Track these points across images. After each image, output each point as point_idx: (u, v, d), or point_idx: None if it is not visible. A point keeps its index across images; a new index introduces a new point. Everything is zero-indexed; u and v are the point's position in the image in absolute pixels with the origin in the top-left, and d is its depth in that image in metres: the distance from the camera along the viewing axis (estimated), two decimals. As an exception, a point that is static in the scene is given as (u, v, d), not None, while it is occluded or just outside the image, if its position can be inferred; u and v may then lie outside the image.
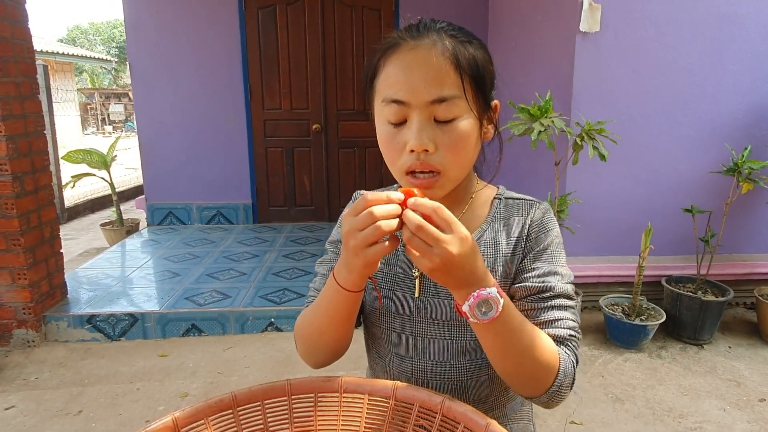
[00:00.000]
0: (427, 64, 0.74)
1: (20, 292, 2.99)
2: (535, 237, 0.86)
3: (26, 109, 3.01)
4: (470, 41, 0.79)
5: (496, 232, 0.87)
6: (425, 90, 0.73)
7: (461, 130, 0.76)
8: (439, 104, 0.74)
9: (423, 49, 0.75)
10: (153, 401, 2.50)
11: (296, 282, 3.60)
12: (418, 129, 0.74)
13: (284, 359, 2.89)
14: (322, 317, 0.84)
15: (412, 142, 0.74)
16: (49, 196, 3.22)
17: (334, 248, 0.97)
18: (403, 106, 0.75)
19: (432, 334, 0.88)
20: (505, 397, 0.92)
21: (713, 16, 2.98)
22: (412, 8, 4.88)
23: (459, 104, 0.75)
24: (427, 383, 0.89)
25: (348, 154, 5.24)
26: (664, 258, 3.24)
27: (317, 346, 0.88)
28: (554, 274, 0.83)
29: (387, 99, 0.76)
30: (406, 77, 0.74)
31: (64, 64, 14.96)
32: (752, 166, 2.82)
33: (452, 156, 0.76)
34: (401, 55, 0.76)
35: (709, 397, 2.51)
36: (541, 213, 0.87)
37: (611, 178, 3.15)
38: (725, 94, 3.09)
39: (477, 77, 0.77)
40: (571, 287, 0.84)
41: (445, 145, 0.75)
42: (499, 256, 0.86)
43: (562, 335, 0.80)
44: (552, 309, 0.81)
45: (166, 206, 5.13)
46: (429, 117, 0.75)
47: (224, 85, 4.94)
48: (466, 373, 0.87)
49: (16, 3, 2.95)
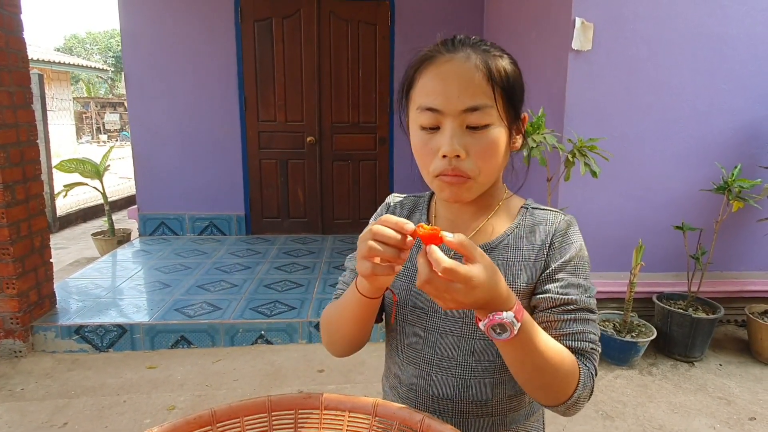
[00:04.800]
0: (461, 75, 0.78)
1: (8, 301, 2.96)
2: (558, 247, 0.87)
3: (19, 119, 3.01)
4: (502, 56, 0.83)
5: (519, 238, 0.89)
6: (459, 99, 0.77)
7: (492, 138, 0.79)
8: (472, 112, 0.78)
9: (457, 61, 0.79)
10: (140, 414, 2.47)
11: (287, 294, 3.59)
12: (451, 135, 0.78)
13: (274, 372, 2.86)
14: (341, 316, 0.89)
15: (444, 147, 0.78)
16: (40, 205, 3.20)
17: None
18: (438, 113, 0.79)
19: (444, 329, 0.90)
20: (508, 405, 0.92)
21: (704, 36, 3.02)
22: (408, 23, 4.93)
23: (490, 113, 0.78)
24: (432, 376, 0.90)
25: (342, 167, 5.25)
26: (655, 274, 3.25)
27: (336, 339, 0.94)
28: (577, 287, 0.84)
29: (422, 107, 0.80)
30: (442, 87, 0.79)
31: (60, 72, 14.95)
32: (742, 185, 2.84)
33: (482, 162, 0.80)
34: (437, 66, 0.80)
35: (699, 415, 2.50)
36: (565, 224, 0.89)
37: (603, 195, 3.16)
38: (716, 113, 3.12)
39: (508, 89, 0.80)
40: (593, 300, 0.86)
41: (476, 151, 0.79)
42: (519, 261, 0.87)
43: (582, 348, 0.82)
44: (574, 322, 0.83)
45: (158, 216, 5.11)
46: (462, 125, 0.79)
47: (219, 97, 4.96)
48: (470, 373, 0.88)
49: (11, 13, 2.96)
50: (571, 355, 0.80)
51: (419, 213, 0.99)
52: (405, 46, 4.96)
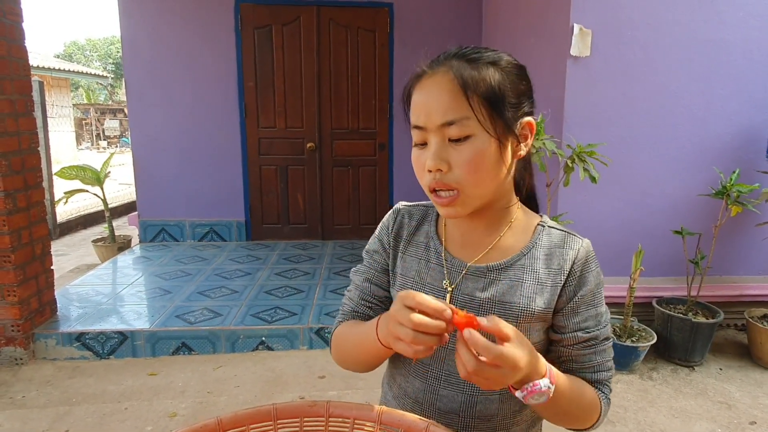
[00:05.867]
0: (437, 90, 0.80)
1: (9, 309, 2.97)
2: (579, 276, 0.86)
3: (20, 126, 3.02)
4: (494, 62, 0.82)
5: (535, 259, 0.88)
6: (436, 115, 0.79)
7: (474, 149, 0.79)
8: (449, 126, 0.79)
9: (437, 76, 0.81)
10: (141, 421, 2.47)
11: (288, 300, 3.59)
12: (433, 151, 0.80)
13: (275, 379, 2.87)
14: (355, 349, 0.91)
15: (428, 162, 0.80)
16: (41, 212, 3.21)
17: (369, 258, 1.01)
18: (423, 130, 0.82)
19: (453, 345, 0.88)
20: (512, 420, 0.92)
21: (701, 42, 3.04)
22: (407, 30, 4.96)
23: (469, 124, 0.79)
24: (439, 391, 0.91)
25: (342, 173, 5.26)
26: (655, 279, 3.26)
27: (349, 364, 0.96)
28: (596, 317, 0.87)
29: (412, 125, 0.84)
30: (423, 104, 0.81)
31: (60, 79, 15.00)
32: (741, 189, 2.86)
33: (467, 173, 0.80)
34: (421, 84, 0.83)
35: (700, 419, 2.51)
36: (585, 252, 0.88)
37: (602, 200, 3.18)
38: (713, 118, 3.14)
39: (490, 97, 0.80)
40: (608, 326, 0.89)
41: (458, 163, 0.79)
42: (534, 283, 0.86)
43: (601, 379, 0.87)
44: (594, 354, 0.87)
45: (158, 223, 5.12)
46: (443, 139, 0.80)
47: (219, 103, 4.98)
48: (478, 390, 0.89)
49: (13, 22, 2.98)
50: (592, 390, 0.86)
51: (428, 226, 0.97)
52: (404, 53, 4.99)
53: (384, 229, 1.00)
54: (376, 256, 0.99)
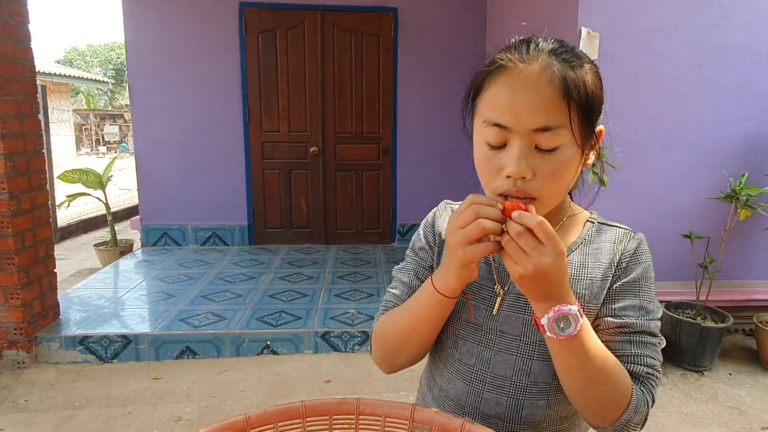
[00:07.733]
0: (534, 91, 0.71)
1: (12, 312, 2.93)
2: (625, 267, 0.83)
3: (25, 128, 3.00)
4: (582, 65, 0.76)
5: (585, 255, 0.85)
6: (530, 117, 0.71)
7: (562, 160, 0.73)
8: (543, 132, 0.71)
9: (531, 73, 0.72)
10: (145, 425, 2.44)
11: (292, 304, 3.56)
12: (518, 156, 0.72)
13: (280, 383, 2.83)
14: (410, 321, 0.85)
15: (510, 168, 0.72)
16: (45, 215, 3.18)
17: (414, 255, 0.97)
18: (505, 130, 0.73)
19: (499, 346, 0.86)
20: (559, 426, 0.88)
21: (709, 46, 3.04)
22: (411, 35, 4.96)
23: (563, 134, 0.72)
24: (483, 394, 0.87)
25: (345, 177, 5.25)
26: (664, 283, 3.24)
27: (399, 350, 0.89)
28: (639, 309, 0.82)
29: (489, 121, 0.74)
30: (512, 102, 0.72)
31: (60, 84, 15.01)
32: (750, 193, 2.84)
33: (550, 184, 0.74)
34: (508, 78, 0.73)
35: (711, 425, 2.48)
36: (635, 243, 0.85)
37: (610, 203, 3.16)
38: (722, 122, 3.13)
39: (585, 106, 0.74)
40: (655, 324, 0.82)
41: (544, 173, 0.73)
42: (583, 279, 0.83)
43: (638, 372, 0.79)
44: (629, 344, 0.80)
45: (161, 227, 5.09)
46: (530, 144, 0.72)
47: (223, 107, 4.97)
48: (524, 393, 0.85)
49: (19, 23, 2.96)
50: (625, 372, 0.77)
51: None
52: (408, 58, 4.99)
53: (428, 226, 0.97)
54: (422, 253, 0.96)
